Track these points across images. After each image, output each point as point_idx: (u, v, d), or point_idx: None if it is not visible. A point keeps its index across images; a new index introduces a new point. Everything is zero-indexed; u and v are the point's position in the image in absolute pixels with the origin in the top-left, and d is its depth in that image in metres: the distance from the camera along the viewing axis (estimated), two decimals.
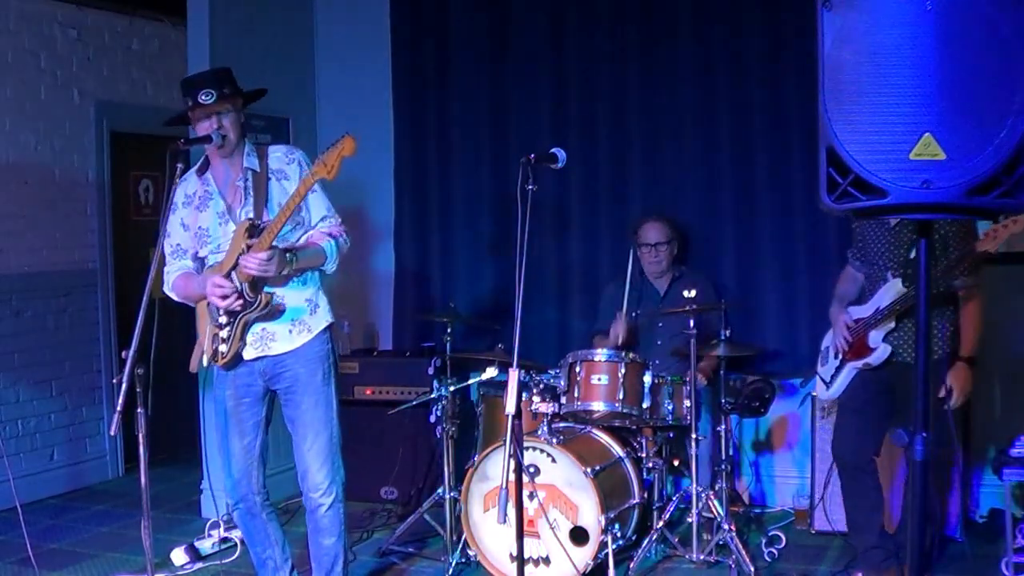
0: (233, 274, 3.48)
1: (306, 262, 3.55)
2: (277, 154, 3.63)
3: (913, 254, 3.66)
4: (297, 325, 3.59)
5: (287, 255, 3.43)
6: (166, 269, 3.70)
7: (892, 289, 3.77)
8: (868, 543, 3.88)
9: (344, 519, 3.71)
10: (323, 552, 3.70)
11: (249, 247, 3.41)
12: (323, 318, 3.67)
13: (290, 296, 3.59)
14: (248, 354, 3.58)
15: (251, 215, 3.52)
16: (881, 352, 3.77)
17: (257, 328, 3.56)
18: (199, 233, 3.62)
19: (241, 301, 3.48)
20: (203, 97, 3.47)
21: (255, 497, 3.69)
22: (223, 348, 3.54)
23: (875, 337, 3.80)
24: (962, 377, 3.70)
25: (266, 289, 3.52)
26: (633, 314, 4.86)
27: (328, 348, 3.67)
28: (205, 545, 4.60)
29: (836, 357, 3.97)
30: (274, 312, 3.54)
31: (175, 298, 3.72)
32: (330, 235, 3.61)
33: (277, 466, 3.75)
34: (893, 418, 3.84)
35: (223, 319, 3.53)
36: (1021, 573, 3.80)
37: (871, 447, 3.88)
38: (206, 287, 3.51)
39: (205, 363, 3.65)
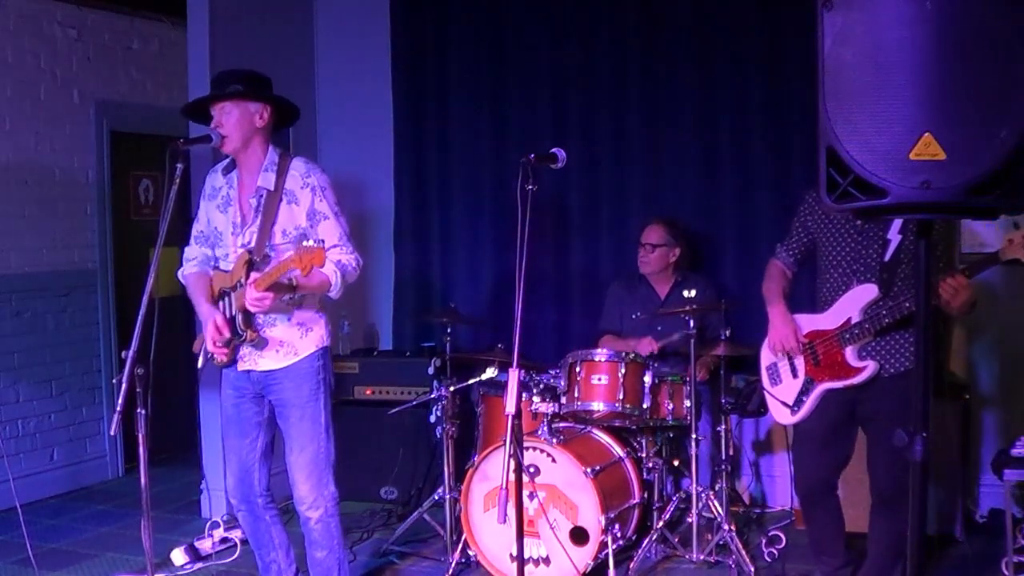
0: (232, 296, 3.47)
1: (308, 291, 3.49)
2: (295, 173, 3.51)
3: (888, 256, 3.48)
4: (284, 347, 3.54)
5: (288, 282, 3.34)
6: (187, 251, 3.70)
7: (862, 297, 3.51)
8: (836, 564, 3.78)
9: (338, 533, 3.65)
10: (316, 564, 3.66)
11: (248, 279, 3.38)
12: (313, 343, 3.57)
13: (281, 321, 3.53)
14: (239, 365, 3.57)
15: (255, 235, 3.47)
16: (869, 372, 3.50)
17: (246, 347, 3.54)
18: (214, 233, 3.62)
19: (227, 351, 3.49)
20: (211, 91, 3.46)
21: (258, 499, 3.67)
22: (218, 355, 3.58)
23: (853, 354, 3.53)
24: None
25: (261, 315, 3.49)
26: (633, 316, 4.86)
27: (317, 367, 3.56)
28: (205, 545, 4.60)
29: (796, 376, 3.69)
30: (259, 345, 3.51)
31: (185, 285, 3.70)
32: (338, 263, 3.46)
33: (278, 466, 3.73)
34: (857, 429, 3.68)
35: None
36: (1021, 573, 3.80)
37: (836, 469, 3.72)
38: (206, 317, 3.50)
39: (200, 364, 3.66)
